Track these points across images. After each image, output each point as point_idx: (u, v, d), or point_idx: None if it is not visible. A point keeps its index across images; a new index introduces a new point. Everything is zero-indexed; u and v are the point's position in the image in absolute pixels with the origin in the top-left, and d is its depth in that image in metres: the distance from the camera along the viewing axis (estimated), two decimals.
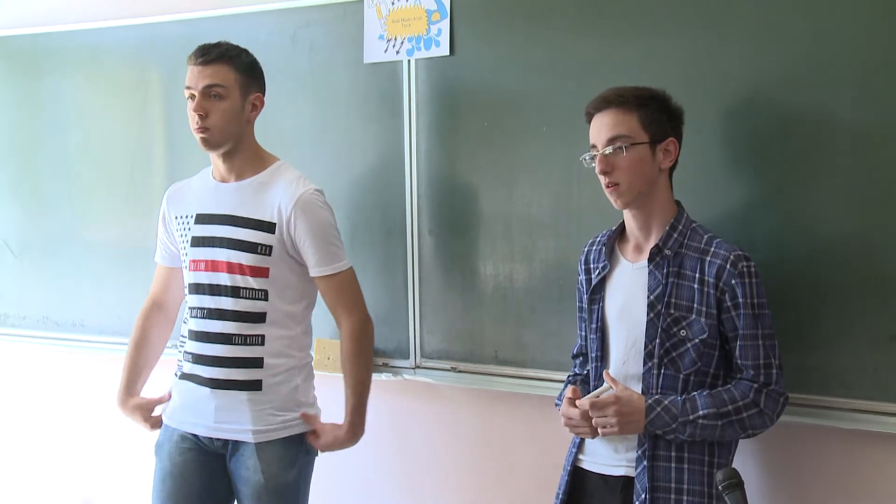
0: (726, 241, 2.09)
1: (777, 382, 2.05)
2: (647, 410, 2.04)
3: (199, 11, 3.06)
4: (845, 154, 2.17)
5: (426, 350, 2.79)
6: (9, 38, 3.46)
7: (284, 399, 2.45)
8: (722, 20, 2.30)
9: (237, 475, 2.46)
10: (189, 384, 2.48)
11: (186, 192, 2.57)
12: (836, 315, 2.19)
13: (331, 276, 2.45)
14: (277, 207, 2.41)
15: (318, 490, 2.61)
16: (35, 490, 3.65)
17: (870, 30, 2.14)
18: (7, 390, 3.70)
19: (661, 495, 2.06)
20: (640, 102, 2.08)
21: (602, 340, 2.19)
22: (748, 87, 2.27)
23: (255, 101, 2.48)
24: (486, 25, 2.64)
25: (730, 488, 1.67)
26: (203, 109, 2.38)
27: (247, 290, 2.41)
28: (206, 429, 2.46)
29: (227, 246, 2.42)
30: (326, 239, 2.44)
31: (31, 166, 3.46)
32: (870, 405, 2.16)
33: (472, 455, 2.84)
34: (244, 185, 2.47)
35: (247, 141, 2.48)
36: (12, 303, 3.50)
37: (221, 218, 2.45)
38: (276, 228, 2.41)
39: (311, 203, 2.43)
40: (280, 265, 2.42)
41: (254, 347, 2.42)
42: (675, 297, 2.08)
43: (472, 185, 2.68)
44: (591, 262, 2.25)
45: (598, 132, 2.10)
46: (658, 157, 2.09)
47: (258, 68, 2.50)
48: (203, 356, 2.45)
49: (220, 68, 2.40)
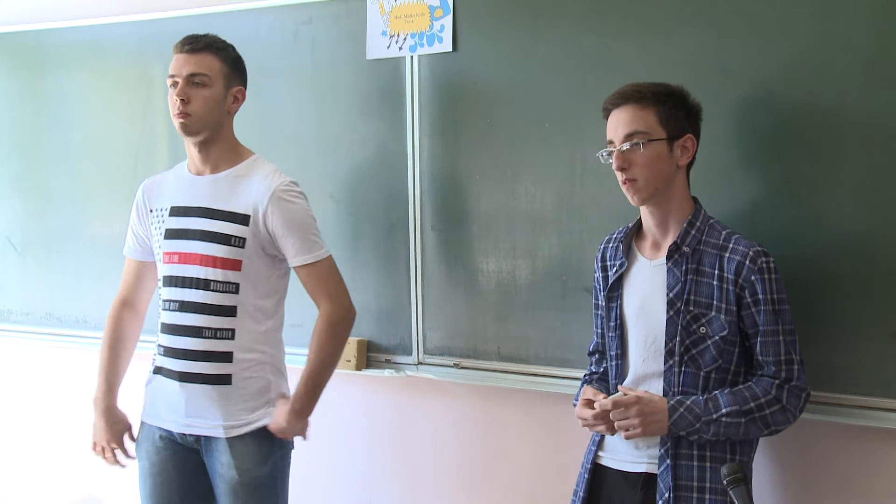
0: (745, 237, 2.08)
1: (799, 378, 2.03)
2: (670, 412, 2.02)
3: (202, 7, 3.06)
4: (850, 150, 2.16)
5: (429, 346, 2.79)
6: (12, 34, 3.47)
7: (255, 395, 2.44)
8: (726, 16, 2.29)
9: (213, 471, 2.46)
10: (161, 378, 2.48)
11: (162, 184, 2.57)
12: (842, 311, 2.18)
13: (311, 265, 2.44)
14: (253, 200, 2.41)
15: (320, 486, 2.61)
16: (38, 486, 3.65)
17: (876, 22, 2.13)
18: (10, 387, 3.70)
19: (683, 493, 2.04)
20: (658, 98, 2.06)
21: (621, 338, 2.17)
22: (753, 84, 2.26)
23: (237, 93, 2.49)
24: (488, 22, 2.63)
25: (734, 483, 1.67)
26: (185, 95, 2.40)
27: (218, 283, 2.41)
28: (178, 424, 2.46)
29: (201, 238, 2.43)
30: (304, 228, 2.44)
31: (34, 162, 3.46)
32: (875, 401, 2.16)
33: (474, 451, 2.83)
34: (220, 177, 2.47)
35: (225, 133, 2.49)
36: (15, 299, 3.51)
37: (196, 210, 2.45)
38: (251, 221, 2.41)
39: (286, 194, 2.43)
40: (253, 258, 2.42)
41: (224, 341, 2.41)
42: (695, 294, 2.06)
43: (475, 181, 2.68)
44: (608, 260, 2.23)
45: (616, 128, 2.08)
46: (675, 154, 2.08)
47: (242, 64, 2.52)
48: (173, 349, 2.45)
49: (205, 57, 2.42)
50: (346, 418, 3.02)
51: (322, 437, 3.04)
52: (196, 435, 2.45)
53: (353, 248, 2.87)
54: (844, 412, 2.19)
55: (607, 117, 2.12)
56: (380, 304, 2.85)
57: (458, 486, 2.87)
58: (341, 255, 2.86)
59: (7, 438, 3.73)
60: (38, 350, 3.55)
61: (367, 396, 2.98)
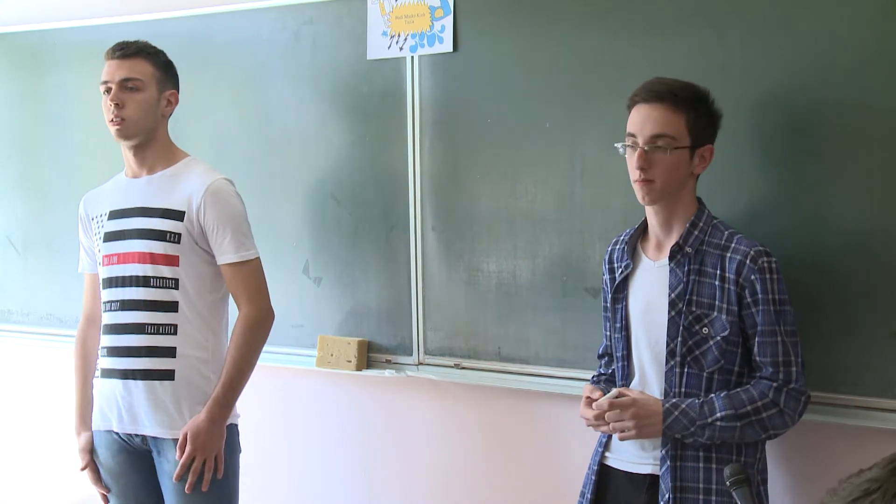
0: (747, 237, 2.07)
1: (797, 381, 2.02)
2: (664, 414, 2.02)
3: (203, 8, 3.06)
4: (852, 150, 2.16)
5: (429, 347, 2.78)
6: (13, 35, 3.47)
7: (198, 394, 2.43)
8: (727, 16, 2.29)
9: (161, 471, 2.46)
10: (105, 381, 2.49)
11: (101, 193, 2.60)
12: (842, 311, 2.18)
13: (237, 265, 2.44)
14: (188, 196, 2.43)
15: (320, 486, 2.61)
16: (38, 486, 3.65)
17: (879, 21, 2.13)
18: (10, 387, 3.70)
19: (689, 496, 2.03)
20: (691, 104, 2.03)
21: (626, 340, 2.17)
22: (754, 83, 2.26)
23: (170, 97, 2.51)
24: (489, 22, 2.63)
25: (737, 484, 1.67)
26: (119, 100, 2.42)
27: (157, 279, 2.42)
28: (123, 425, 2.46)
29: (138, 236, 2.44)
30: (235, 227, 2.44)
31: (35, 162, 3.46)
32: (875, 402, 2.16)
33: (475, 451, 2.83)
34: (155, 178, 2.49)
35: (160, 135, 2.51)
36: (15, 299, 3.51)
37: (133, 211, 2.47)
38: (185, 216, 2.42)
39: (221, 191, 2.45)
40: (189, 254, 2.43)
41: (166, 336, 2.42)
42: (697, 294, 2.06)
43: (475, 181, 2.68)
44: (615, 262, 2.22)
45: (643, 125, 2.04)
46: (694, 162, 2.06)
47: (174, 68, 2.55)
48: (116, 348, 2.46)
49: (137, 62, 2.45)
50: (347, 418, 3.02)
51: (322, 438, 3.05)
52: (142, 435, 2.45)
53: (354, 248, 2.87)
54: (844, 413, 2.19)
55: (632, 107, 2.07)
56: (380, 305, 2.85)
57: (459, 487, 2.86)
58: (342, 255, 2.87)
59: (8, 438, 3.72)
60: (38, 350, 3.54)
61: (368, 397, 2.98)
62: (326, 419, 3.04)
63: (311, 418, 2.99)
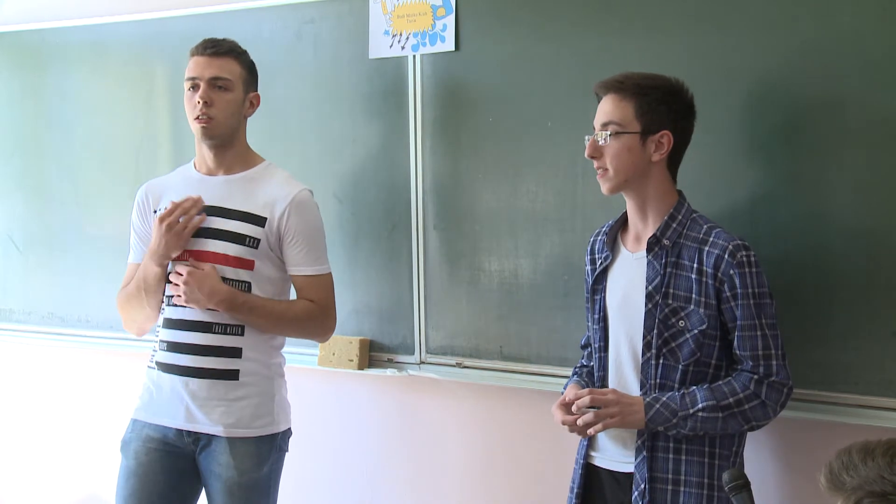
0: (726, 231, 2.07)
1: (779, 373, 2.02)
2: (646, 407, 2.03)
3: (204, 7, 3.06)
4: (851, 149, 2.17)
5: (431, 346, 2.79)
6: (14, 34, 3.47)
7: (259, 397, 2.44)
8: (727, 14, 2.29)
9: (208, 471, 2.45)
10: (162, 374, 2.47)
11: (166, 185, 2.57)
12: (842, 310, 2.19)
13: (311, 277, 2.46)
14: (271, 202, 2.43)
15: (322, 485, 2.62)
16: (39, 486, 3.65)
17: (878, 19, 2.13)
18: (12, 386, 3.70)
19: (658, 486, 2.06)
20: (640, 91, 2.06)
21: (604, 331, 2.18)
22: (754, 82, 2.27)
23: (253, 99, 2.51)
24: (491, 21, 2.64)
25: (736, 489, 1.66)
26: (208, 98, 2.41)
27: (231, 282, 2.41)
28: (177, 421, 2.44)
29: (215, 236, 2.43)
30: (315, 241, 2.47)
31: (35, 161, 3.46)
32: (875, 401, 2.16)
33: (476, 450, 2.84)
34: (233, 179, 2.48)
35: (240, 137, 2.51)
36: (17, 298, 3.51)
37: (209, 209, 2.45)
38: (266, 223, 2.42)
39: (306, 203, 2.46)
40: (264, 260, 2.44)
41: (234, 337, 2.42)
42: (674, 287, 2.07)
43: (477, 180, 2.68)
44: (596, 253, 2.25)
45: (596, 117, 2.11)
46: (649, 149, 2.07)
47: (256, 70, 2.55)
48: (179, 343, 2.44)
49: (227, 61, 2.44)
50: (349, 417, 3.03)
51: (324, 437, 3.05)
52: (195, 433, 2.44)
53: (356, 247, 2.87)
54: (845, 412, 2.20)
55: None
56: (382, 304, 2.85)
57: (461, 486, 2.87)
58: (344, 254, 2.87)
59: (9, 438, 3.73)
60: (40, 350, 3.55)
61: (370, 396, 2.98)
62: (328, 418, 3.05)
63: (312, 417, 2.99)
